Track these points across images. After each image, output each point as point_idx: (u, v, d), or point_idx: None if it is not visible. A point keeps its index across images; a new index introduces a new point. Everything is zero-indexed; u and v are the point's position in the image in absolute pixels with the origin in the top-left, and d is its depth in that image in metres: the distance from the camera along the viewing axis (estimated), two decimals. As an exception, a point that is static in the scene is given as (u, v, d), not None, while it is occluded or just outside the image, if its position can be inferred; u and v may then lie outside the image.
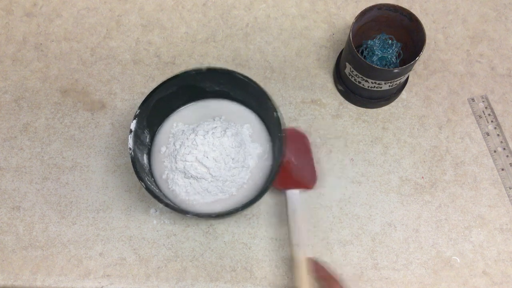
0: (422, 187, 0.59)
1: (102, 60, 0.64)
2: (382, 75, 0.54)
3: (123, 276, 0.55)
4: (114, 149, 0.60)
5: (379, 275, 0.55)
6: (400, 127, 0.61)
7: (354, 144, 0.60)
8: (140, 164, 0.52)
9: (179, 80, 0.54)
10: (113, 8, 0.67)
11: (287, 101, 0.62)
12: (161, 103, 0.55)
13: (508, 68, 0.64)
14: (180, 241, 0.56)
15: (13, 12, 0.67)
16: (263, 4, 0.68)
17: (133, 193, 0.58)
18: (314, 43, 0.66)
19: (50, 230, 0.57)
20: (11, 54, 0.65)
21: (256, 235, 0.57)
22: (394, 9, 0.55)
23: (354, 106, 0.62)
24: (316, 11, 0.67)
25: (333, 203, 0.58)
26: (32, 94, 0.63)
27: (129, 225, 0.57)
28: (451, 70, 0.64)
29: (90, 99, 0.63)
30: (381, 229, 0.57)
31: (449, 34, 0.66)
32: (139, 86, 0.63)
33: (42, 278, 0.55)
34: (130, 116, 0.62)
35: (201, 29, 0.66)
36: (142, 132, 0.54)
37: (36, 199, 0.58)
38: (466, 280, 0.55)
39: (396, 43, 0.59)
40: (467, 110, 0.62)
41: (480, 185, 0.59)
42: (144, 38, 0.66)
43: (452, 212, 0.58)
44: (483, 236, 0.57)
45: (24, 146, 0.60)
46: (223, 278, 0.55)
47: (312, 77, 0.64)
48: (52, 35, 0.66)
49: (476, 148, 0.60)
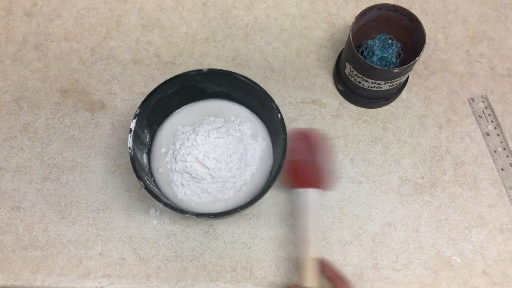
0: (422, 187, 0.59)
1: (102, 60, 0.64)
2: (382, 75, 0.54)
3: (123, 276, 0.55)
4: (114, 149, 0.60)
5: (379, 275, 0.55)
6: (400, 127, 0.61)
7: (354, 144, 0.60)
8: (140, 163, 0.52)
9: (180, 80, 0.54)
10: (113, 8, 0.67)
11: (287, 101, 0.62)
12: (161, 103, 0.55)
13: (508, 68, 0.64)
14: (180, 241, 0.56)
15: (13, 12, 0.67)
16: (263, 4, 0.68)
17: (133, 193, 0.58)
18: (314, 43, 0.66)
19: (50, 230, 0.57)
20: (11, 54, 0.65)
21: (256, 235, 0.57)
22: (394, 9, 0.55)
23: (354, 106, 0.62)
24: (316, 11, 0.67)
25: (333, 203, 0.58)
26: (32, 94, 0.63)
27: (129, 225, 0.57)
28: (451, 70, 0.64)
29: (90, 99, 0.63)
30: (381, 229, 0.57)
31: (449, 34, 0.66)
32: (139, 86, 0.63)
33: (42, 278, 0.55)
34: (130, 116, 0.62)
35: (201, 29, 0.66)
36: (142, 131, 0.54)
37: (36, 199, 0.58)
38: (466, 280, 0.55)
39: (396, 43, 0.59)
40: (467, 110, 0.62)
41: (480, 185, 0.59)
42: (144, 38, 0.66)
43: (452, 212, 0.58)
44: (483, 236, 0.57)
45: (24, 146, 0.60)
46: (223, 278, 0.55)
47: (312, 77, 0.64)
48: (52, 35, 0.66)
49: (476, 148, 0.60)
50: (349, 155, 0.60)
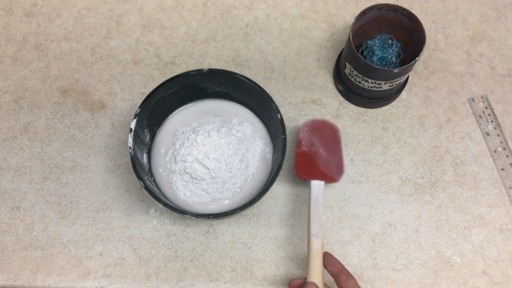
0: (422, 187, 0.59)
1: (102, 60, 0.64)
2: (382, 75, 0.54)
3: (123, 276, 0.55)
4: (114, 149, 0.60)
5: (379, 275, 0.55)
6: (400, 127, 0.61)
7: (354, 144, 0.60)
8: (140, 163, 0.52)
9: (181, 80, 0.54)
10: (113, 8, 0.67)
11: (287, 101, 0.62)
12: (162, 102, 0.55)
13: (508, 68, 0.64)
14: (180, 241, 0.56)
15: (13, 12, 0.67)
16: (263, 4, 0.68)
17: (133, 193, 0.58)
18: (314, 43, 0.66)
19: (50, 230, 0.57)
20: (11, 54, 0.65)
21: (256, 235, 0.57)
22: (394, 9, 0.55)
23: (354, 106, 0.62)
24: (316, 11, 0.67)
25: (333, 203, 0.58)
26: (32, 94, 0.63)
27: (129, 225, 0.57)
28: (451, 70, 0.64)
29: (90, 99, 0.63)
30: (381, 229, 0.57)
31: (449, 34, 0.66)
32: (139, 86, 0.63)
33: (42, 278, 0.55)
34: (130, 116, 0.62)
35: (201, 29, 0.66)
36: (142, 131, 0.54)
37: (36, 199, 0.58)
38: (466, 280, 0.55)
39: (396, 43, 0.59)
40: (467, 110, 0.62)
41: (480, 185, 0.59)
42: (144, 38, 0.66)
43: (452, 212, 0.58)
44: (483, 236, 0.57)
45: (24, 146, 0.60)
46: (223, 278, 0.55)
47: (312, 77, 0.64)
48: (52, 35, 0.66)
49: (476, 148, 0.60)
50: (349, 155, 0.60)
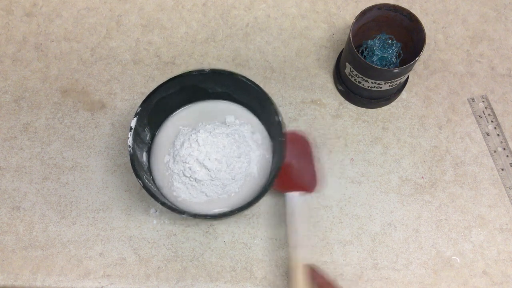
0: (422, 187, 0.59)
1: (102, 60, 0.64)
2: (382, 75, 0.54)
3: (123, 276, 0.55)
4: (114, 149, 0.60)
5: (379, 275, 0.55)
6: (400, 127, 0.61)
7: (354, 144, 0.60)
8: (139, 162, 0.52)
9: (182, 80, 0.54)
10: (113, 8, 0.67)
11: (287, 101, 0.62)
12: (162, 102, 0.55)
13: (508, 68, 0.64)
14: (180, 241, 0.56)
15: (13, 12, 0.67)
16: (263, 4, 0.68)
17: (133, 193, 0.58)
18: (314, 43, 0.66)
19: (50, 230, 0.57)
20: (11, 54, 0.65)
21: (256, 235, 0.57)
22: (394, 9, 0.55)
23: (354, 106, 0.62)
24: (316, 11, 0.67)
25: (333, 203, 0.58)
26: (32, 94, 0.63)
27: (129, 225, 0.57)
28: (451, 70, 0.64)
29: (90, 99, 0.63)
30: (381, 229, 0.57)
31: (449, 34, 0.66)
32: (139, 86, 0.63)
33: (42, 278, 0.55)
34: (130, 116, 0.62)
35: (201, 29, 0.66)
36: (143, 130, 0.54)
37: (36, 199, 0.58)
38: (466, 280, 0.55)
39: (396, 43, 0.59)
40: (467, 110, 0.62)
41: (480, 185, 0.59)
42: (144, 38, 0.66)
43: (452, 212, 0.58)
44: (483, 236, 0.57)
45: (24, 146, 0.60)
46: (223, 278, 0.55)
47: (312, 77, 0.64)
48: (52, 35, 0.66)
49: (476, 148, 0.60)
50: (349, 155, 0.60)
